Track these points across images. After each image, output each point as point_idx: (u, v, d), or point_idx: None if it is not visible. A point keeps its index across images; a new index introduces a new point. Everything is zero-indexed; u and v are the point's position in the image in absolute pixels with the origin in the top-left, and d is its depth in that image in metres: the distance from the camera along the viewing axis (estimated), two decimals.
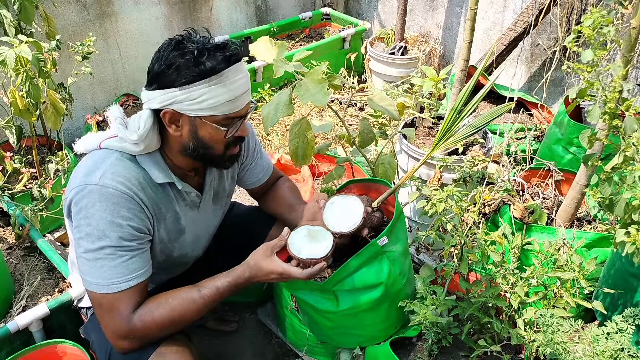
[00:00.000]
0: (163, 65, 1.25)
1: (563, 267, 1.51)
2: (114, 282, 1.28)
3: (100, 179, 1.27)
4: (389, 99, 1.89)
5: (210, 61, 1.24)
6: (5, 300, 1.85)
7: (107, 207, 1.26)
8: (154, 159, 1.36)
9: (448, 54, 3.47)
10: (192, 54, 1.24)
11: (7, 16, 2.05)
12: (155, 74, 1.28)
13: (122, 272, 1.28)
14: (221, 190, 1.60)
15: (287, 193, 1.73)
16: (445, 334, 1.59)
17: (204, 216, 1.56)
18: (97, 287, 1.28)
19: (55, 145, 2.50)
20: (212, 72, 1.24)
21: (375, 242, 1.52)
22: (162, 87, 1.27)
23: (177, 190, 1.42)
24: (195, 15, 3.34)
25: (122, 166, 1.31)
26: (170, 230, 1.45)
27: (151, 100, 1.29)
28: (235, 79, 1.28)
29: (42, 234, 2.07)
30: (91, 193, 1.26)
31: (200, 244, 1.62)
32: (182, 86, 1.24)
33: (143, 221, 1.33)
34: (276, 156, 2.42)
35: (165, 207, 1.41)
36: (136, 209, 1.31)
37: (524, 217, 1.84)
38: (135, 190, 1.31)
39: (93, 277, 1.28)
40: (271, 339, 1.99)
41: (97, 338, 1.47)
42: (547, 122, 2.75)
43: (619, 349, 1.31)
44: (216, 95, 1.26)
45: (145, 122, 1.29)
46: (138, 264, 1.31)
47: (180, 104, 1.26)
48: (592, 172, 1.68)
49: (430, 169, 2.10)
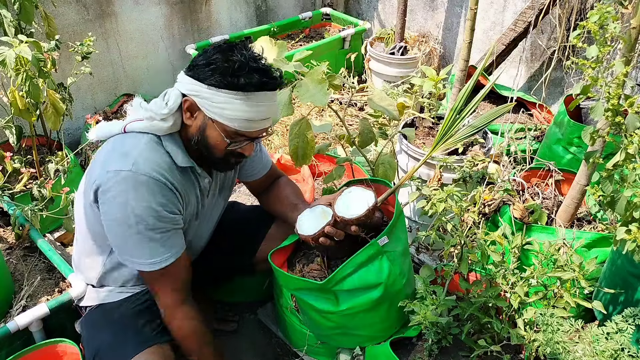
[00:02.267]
0: (204, 60, 1.32)
1: (563, 267, 1.51)
2: (154, 261, 1.37)
3: (133, 166, 1.32)
4: (389, 99, 1.89)
5: (245, 78, 1.29)
6: (5, 300, 1.85)
7: (142, 193, 1.32)
8: (177, 142, 1.42)
9: (448, 54, 3.47)
10: (234, 64, 1.29)
11: (7, 16, 2.05)
12: (195, 63, 1.34)
13: (160, 252, 1.38)
14: (226, 182, 1.64)
15: (290, 193, 1.74)
16: (445, 334, 1.59)
17: (210, 205, 1.61)
18: (141, 266, 1.38)
19: (55, 145, 2.50)
20: (241, 89, 1.29)
21: (376, 242, 1.53)
22: (195, 77, 1.33)
23: (195, 175, 1.47)
24: (195, 15, 3.34)
25: (153, 151, 1.37)
26: (191, 213, 1.51)
27: (183, 83, 1.36)
28: (260, 103, 1.33)
29: (42, 234, 2.07)
30: (125, 179, 1.31)
31: (204, 235, 1.66)
32: (210, 86, 1.30)
33: (176, 205, 1.40)
34: (276, 156, 2.42)
35: (190, 191, 1.47)
36: (169, 194, 1.37)
37: (524, 217, 1.84)
38: (167, 176, 1.37)
39: (134, 257, 1.38)
40: (271, 339, 1.98)
41: (87, 335, 1.52)
42: (547, 122, 2.75)
43: (619, 349, 1.31)
44: (234, 110, 1.31)
45: (176, 99, 1.35)
46: (174, 243, 1.40)
47: (202, 100, 1.32)
48: (593, 170, 1.68)
49: (430, 169, 2.10)
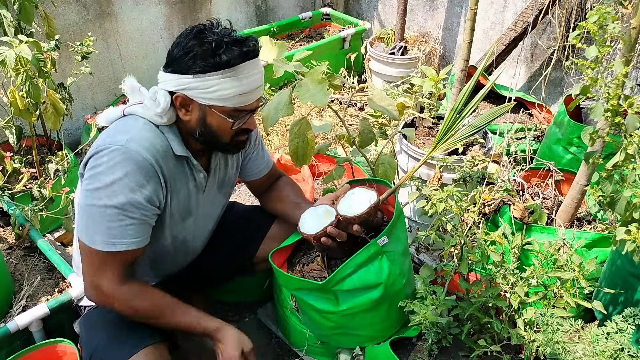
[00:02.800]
0: (181, 52, 1.29)
1: (563, 267, 1.51)
2: (110, 242, 1.31)
3: (126, 142, 1.30)
4: (389, 99, 1.89)
5: (226, 54, 1.27)
6: (5, 300, 1.85)
7: (125, 169, 1.29)
8: (174, 131, 1.40)
9: (448, 54, 3.47)
10: (210, 45, 1.27)
11: (7, 16, 2.05)
12: (173, 58, 1.32)
13: (120, 235, 1.31)
14: (227, 179, 1.62)
15: (291, 192, 1.74)
16: (445, 334, 1.59)
17: (208, 202, 1.58)
18: (90, 241, 1.32)
19: (55, 145, 2.50)
20: (227, 65, 1.27)
21: (375, 241, 1.53)
22: (177, 71, 1.31)
23: (190, 167, 1.46)
24: (195, 16, 3.34)
25: (151, 132, 1.35)
26: (181, 208, 1.48)
27: (166, 82, 1.33)
28: (249, 74, 1.31)
29: (42, 234, 2.07)
30: (114, 152, 1.29)
31: (202, 234, 1.64)
32: (197, 74, 1.28)
33: (156, 191, 1.36)
34: (276, 156, 2.42)
35: (181, 182, 1.44)
36: (153, 178, 1.34)
37: (524, 217, 1.84)
38: (158, 158, 1.34)
39: (89, 230, 1.31)
40: (271, 339, 1.98)
41: (86, 335, 1.50)
42: (547, 122, 2.75)
43: (619, 349, 1.31)
44: (228, 88, 1.30)
45: (165, 100, 1.33)
46: (135, 231, 1.33)
47: (192, 91, 1.31)
48: (592, 170, 1.68)
49: (430, 169, 2.10)
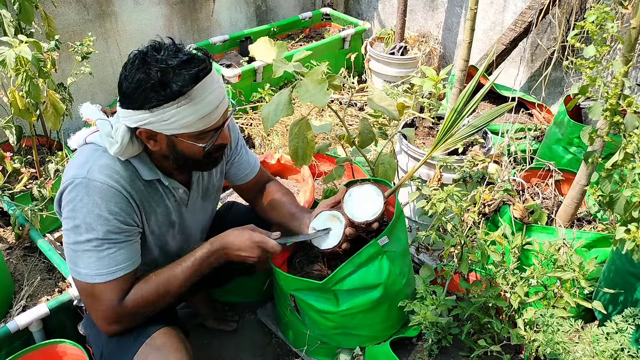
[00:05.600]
0: (130, 87, 1.24)
1: (563, 267, 1.51)
2: (100, 273, 1.30)
3: (88, 173, 1.28)
4: (389, 99, 1.89)
5: (175, 82, 1.21)
6: (5, 300, 1.85)
7: (94, 200, 1.27)
8: (141, 158, 1.37)
9: (448, 54, 3.47)
10: (157, 75, 1.20)
11: (6, 16, 2.05)
12: (124, 94, 1.26)
13: (109, 264, 1.31)
14: (210, 187, 1.61)
15: (284, 200, 1.70)
16: (445, 334, 1.59)
17: (193, 213, 1.58)
18: (84, 277, 1.31)
19: (55, 145, 2.50)
20: (180, 94, 1.21)
21: (376, 241, 1.53)
22: (133, 107, 1.25)
23: (165, 186, 1.44)
24: (195, 15, 3.34)
25: (111, 159, 1.32)
26: (162, 223, 1.47)
27: (126, 118, 1.28)
28: (205, 95, 1.25)
29: (42, 234, 2.07)
30: (79, 186, 1.28)
31: (193, 240, 1.63)
32: (152, 109, 1.23)
33: (130, 215, 1.34)
34: (276, 156, 2.42)
35: (156, 202, 1.43)
36: (123, 202, 1.32)
37: (524, 217, 1.84)
38: (123, 184, 1.32)
39: (80, 267, 1.31)
40: (271, 339, 1.98)
41: (92, 333, 1.50)
42: (547, 122, 2.75)
43: (619, 349, 1.31)
44: (187, 116, 1.24)
45: (123, 138, 1.28)
46: (125, 255, 1.33)
47: (153, 125, 1.26)
48: (592, 170, 1.68)
49: (430, 169, 2.10)
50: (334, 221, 1.54)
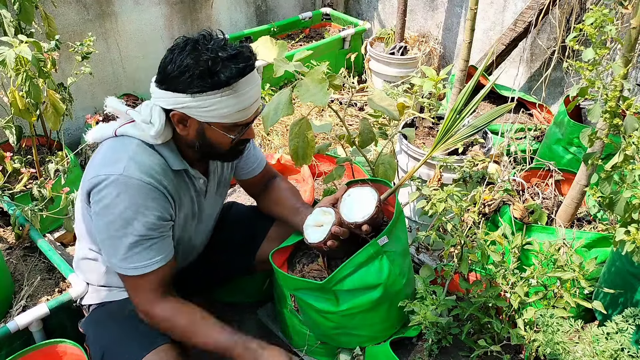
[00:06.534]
0: (176, 71, 1.26)
1: (563, 267, 1.51)
2: (136, 267, 1.34)
3: (124, 170, 1.30)
4: (389, 99, 1.89)
5: (224, 72, 1.25)
6: (5, 300, 1.85)
7: (132, 198, 1.30)
8: (170, 146, 1.40)
9: (448, 54, 3.47)
10: (207, 63, 1.24)
11: (6, 16, 2.05)
12: (167, 75, 1.28)
13: (144, 258, 1.34)
14: (223, 180, 1.64)
15: (289, 195, 1.73)
16: (445, 334, 1.59)
17: (209, 204, 1.61)
18: (121, 270, 1.36)
19: (55, 145, 2.50)
20: (226, 84, 1.26)
21: (376, 241, 1.53)
22: (173, 90, 1.28)
23: (189, 176, 1.46)
24: (195, 15, 3.34)
25: (145, 154, 1.35)
26: (187, 215, 1.50)
27: (161, 99, 1.31)
28: (247, 89, 1.30)
29: (42, 234, 2.07)
30: (115, 183, 1.29)
31: (204, 233, 1.66)
32: (195, 94, 1.26)
33: (167, 209, 1.38)
34: (276, 156, 2.42)
35: (184, 193, 1.46)
36: (161, 198, 1.35)
37: (524, 217, 1.84)
38: (159, 179, 1.35)
39: (117, 260, 1.35)
40: (271, 339, 1.98)
41: (94, 334, 1.51)
42: (547, 122, 2.75)
43: (619, 349, 1.31)
44: (227, 106, 1.29)
45: (160, 119, 1.32)
46: (160, 250, 1.37)
47: (190, 110, 1.29)
48: (592, 171, 1.68)
49: (430, 169, 2.10)
50: (326, 217, 1.56)
